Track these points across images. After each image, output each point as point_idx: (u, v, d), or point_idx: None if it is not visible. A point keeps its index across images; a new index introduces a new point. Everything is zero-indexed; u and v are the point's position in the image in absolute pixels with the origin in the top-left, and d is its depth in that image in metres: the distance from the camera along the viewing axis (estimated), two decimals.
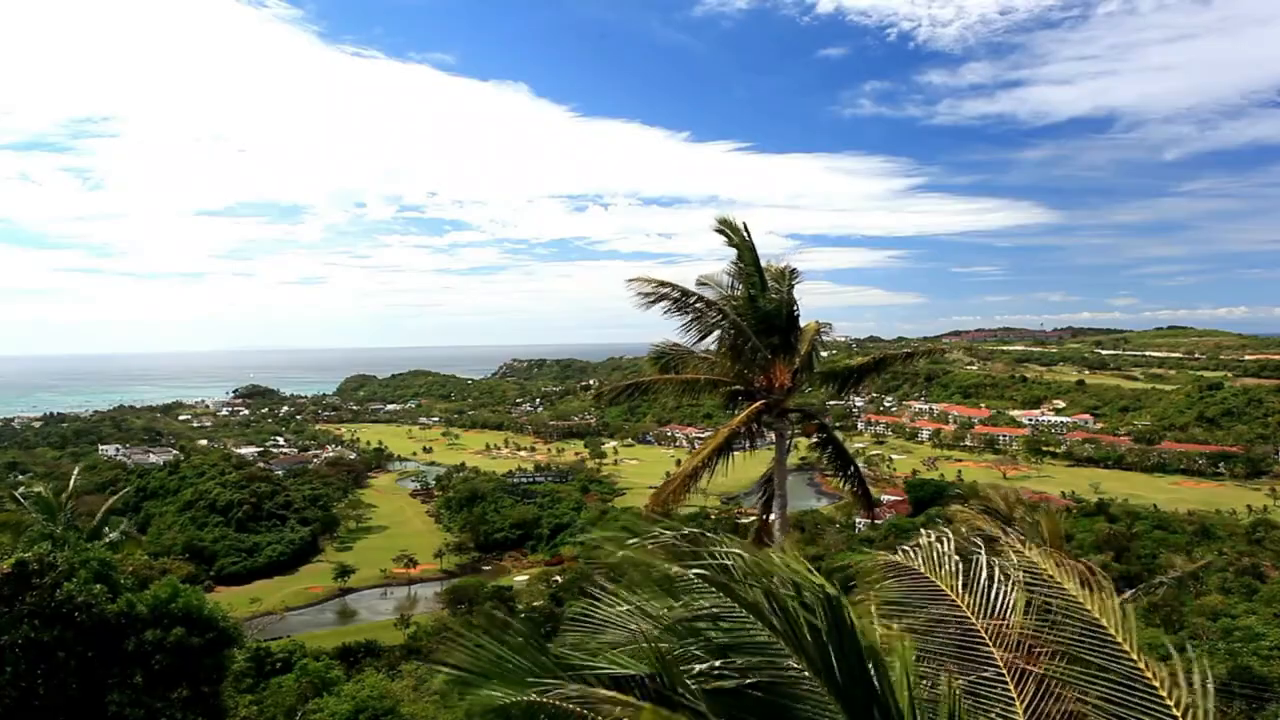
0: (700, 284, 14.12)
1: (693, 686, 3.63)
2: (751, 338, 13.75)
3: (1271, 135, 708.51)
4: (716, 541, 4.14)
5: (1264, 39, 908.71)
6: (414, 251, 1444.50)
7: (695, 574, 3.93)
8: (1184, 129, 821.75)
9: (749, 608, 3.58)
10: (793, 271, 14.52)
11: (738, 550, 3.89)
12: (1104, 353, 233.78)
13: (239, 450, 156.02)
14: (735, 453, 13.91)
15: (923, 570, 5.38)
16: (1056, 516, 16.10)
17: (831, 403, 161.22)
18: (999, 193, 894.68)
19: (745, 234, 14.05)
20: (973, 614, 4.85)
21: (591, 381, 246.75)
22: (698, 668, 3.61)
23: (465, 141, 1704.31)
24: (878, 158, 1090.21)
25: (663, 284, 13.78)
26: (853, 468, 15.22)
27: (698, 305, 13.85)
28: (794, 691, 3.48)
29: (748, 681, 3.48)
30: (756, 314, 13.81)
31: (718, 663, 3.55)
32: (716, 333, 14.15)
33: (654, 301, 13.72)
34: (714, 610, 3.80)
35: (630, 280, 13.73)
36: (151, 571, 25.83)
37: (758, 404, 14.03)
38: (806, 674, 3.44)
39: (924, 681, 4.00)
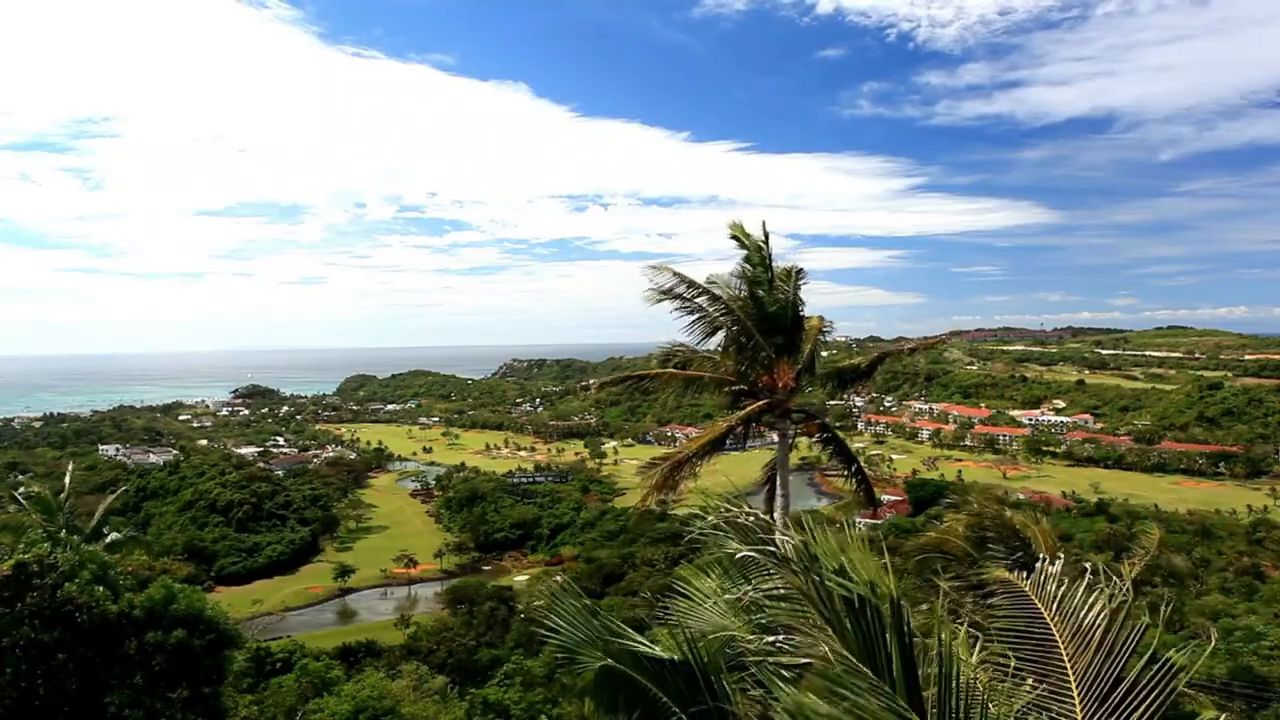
0: (709, 284, 14.16)
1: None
2: (757, 337, 13.77)
3: (1271, 135, 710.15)
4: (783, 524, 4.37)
5: (1262, 39, 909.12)
6: (414, 251, 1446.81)
7: (755, 553, 4.24)
8: (1183, 129, 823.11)
9: (801, 591, 3.77)
10: (799, 272, 14.55)
11: (798, 537, 4.03)
12: (1104, 353, 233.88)
13: (239, 450, 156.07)
14: (731, 451, 13.93)
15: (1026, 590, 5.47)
16: (1048, 522, 16.13)
17: (831, 402, 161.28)
18: (999, 193, 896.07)
19: (761, 235, 14.08)
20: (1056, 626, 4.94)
21: (591, 381, 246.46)
22: (766, 639, 3.97)
23: (465, 141, 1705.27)
24: (877, 158, 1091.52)
25: (678, 275, 13.86)
26: (856, 465, 15.27)
27: (706, 303, 13.89)
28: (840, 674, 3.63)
29: (801, 661, 3.73)
30: (762, 314, 13.83)
31: (780, 638, 3.88)
32: (721, 332, 14.18)
33: (665, 295, 13.82)
34: (781, 590, 4.07)
35: (649, 267, 13.83)
36: (151, 572, 25.81)
37: (761, 403, 14.06)
38: (850, 658, 3.60)
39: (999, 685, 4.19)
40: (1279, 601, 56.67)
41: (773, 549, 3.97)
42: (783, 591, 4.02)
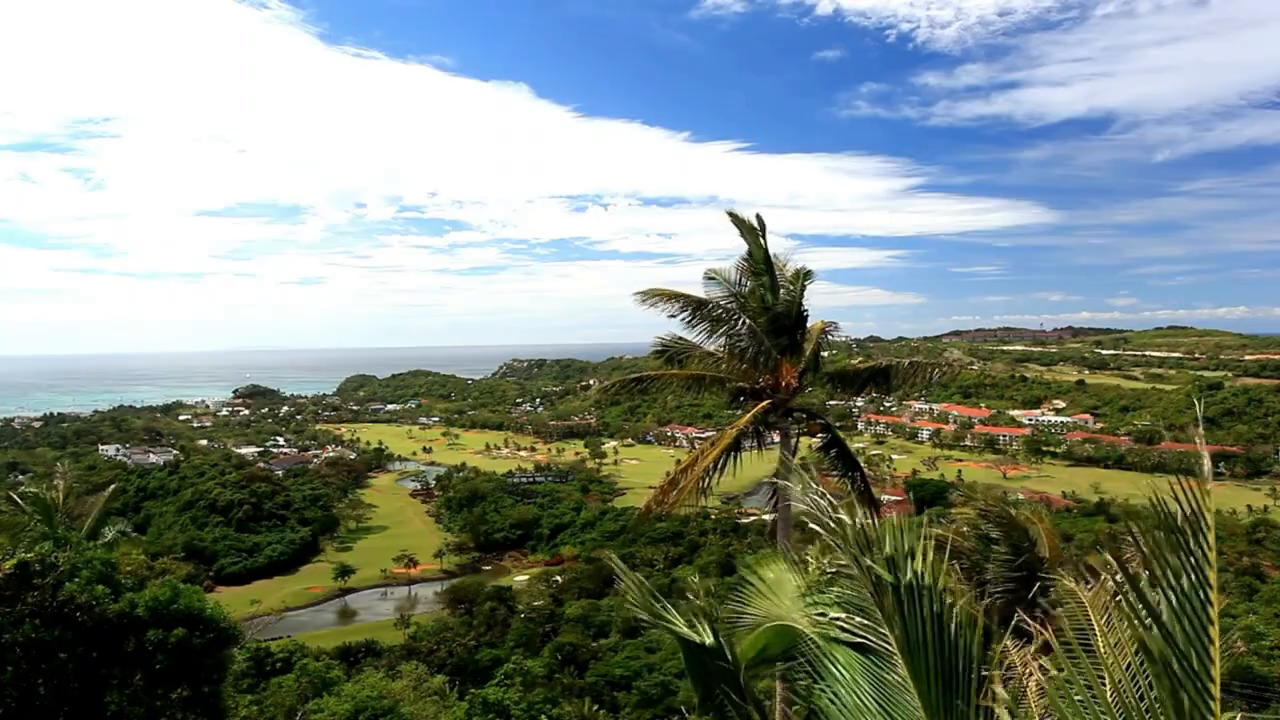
0: (708, 278, 14.04)
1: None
2: (762, 338, 13.70)
3: (1269, 135, 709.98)
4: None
5: (1261, 41, 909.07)
6: (414, 251, 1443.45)
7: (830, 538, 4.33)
8: (1181, 130, 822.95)
9: (866, 577, 3.95)
10: (807, 273, 14.47)
11: (857, 520, 4.18)
12: (1104, 353, 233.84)
13: (239, 450, 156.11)
14: (741, 453, 13.85)
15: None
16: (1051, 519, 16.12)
17: (831, 402, 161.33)
18: (998, 193, 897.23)
19: (758, 230, 13.93)
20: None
21: (591, 381, 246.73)
22: (829, 616, 4.20)
23: (465, 142, 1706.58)
24: (877, 158, 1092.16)
25: (672, 295, 13.82)
26: (858, 472, 14.98)
27: (709, 310, 13.82)
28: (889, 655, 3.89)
29: (856, 641, 4.00)
30: (767, 314, 13.75)
31: (841, 616, 4.10)
32: (724, 328, 14.11)
33: (662, 305, 13.77)
34: (848, 572, 4.23)
35: (642, 294, 13.76)
36: (150, 572, 25.79)
37: (763, 403, 13.97)
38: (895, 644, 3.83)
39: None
40: (1279, 601, 56.66)
41: (836, 527, 4.12)
42: (850, 570, 4.26)
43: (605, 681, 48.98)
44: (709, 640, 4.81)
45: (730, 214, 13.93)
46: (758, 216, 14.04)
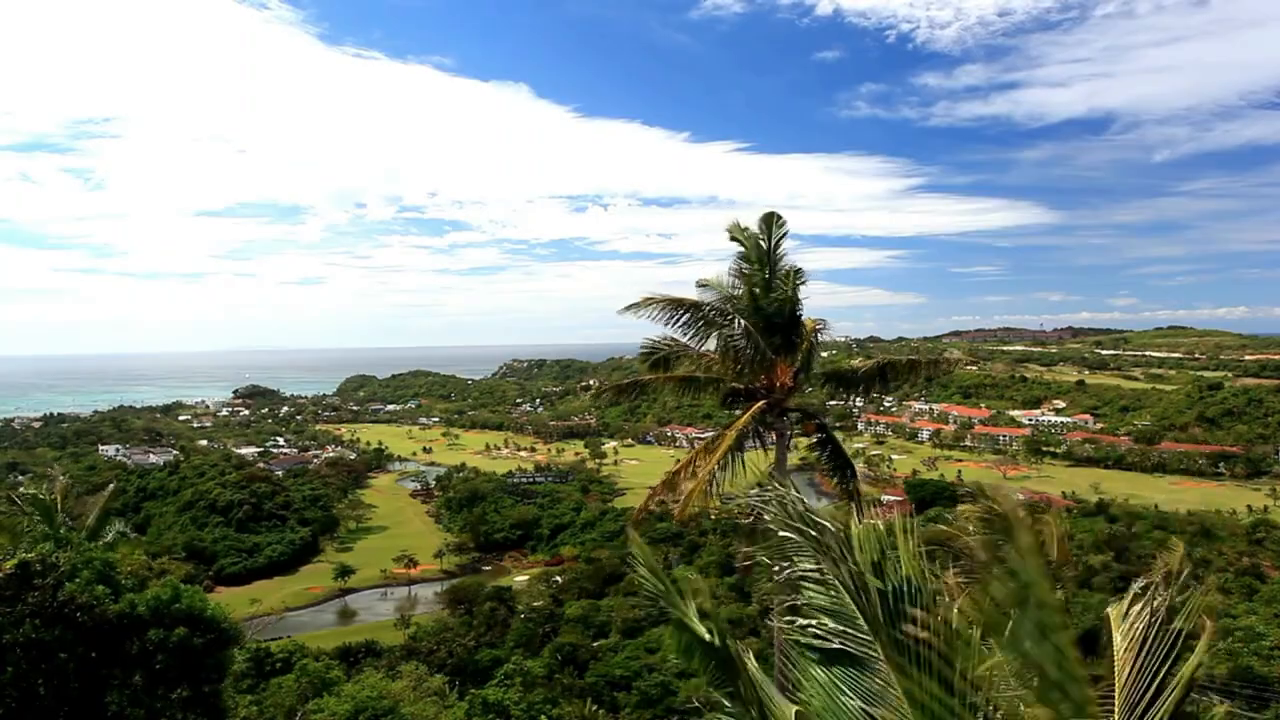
0: (700, 285, 14.10)
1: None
2: (757, 338, 13.75)
3: (1269, 136, 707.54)
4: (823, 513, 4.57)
5: (1261, 41, 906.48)
6: (414, 252, 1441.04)
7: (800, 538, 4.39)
8: (1181, 130, 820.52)
9: (841, 578, 3.99)
10: (798, 272, 14.54)
11: (838, 525, 4.15)
12: (1104, 353, 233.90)
13: (239, 450, 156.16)
14: (746, 453, 13.92)
15: None
16: (1057, 519, 16.08)
17: (831, 403, 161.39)
18: (999, 193, 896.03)
19: (762, 230, 14.03)
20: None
21: (591, 381, 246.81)
22: (800, 622, 4.18)
23: (465, 142, 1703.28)
24: (877, 158, 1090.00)
25: (668, 299, 13.91)
26: (850, 470, 15.09)
27: (705, 312, 13.89)
28: (869, 660, 3.89)
29: (834, 646, 3.97)
30: (761, 314, 13.80)
31: (814, 622, 4.09)
32: (717, 331, 14.17)
33: (668, 320, 13.88)
34: (819, 574, 4.23)
35: (626, 308, 13.88)
36: (150, 573, 25.81)
37: (759, 403, 14.02)
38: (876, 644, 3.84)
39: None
40: (1279, 601, 56.69)
41: (812, 532, 4.10)
42: (819, 575, 4.18)
43: (605, 682, 49.01)
44: (717, 641, 4.90)
45: (731, 228, 14.05)
46: (774, 215, 14.22)
